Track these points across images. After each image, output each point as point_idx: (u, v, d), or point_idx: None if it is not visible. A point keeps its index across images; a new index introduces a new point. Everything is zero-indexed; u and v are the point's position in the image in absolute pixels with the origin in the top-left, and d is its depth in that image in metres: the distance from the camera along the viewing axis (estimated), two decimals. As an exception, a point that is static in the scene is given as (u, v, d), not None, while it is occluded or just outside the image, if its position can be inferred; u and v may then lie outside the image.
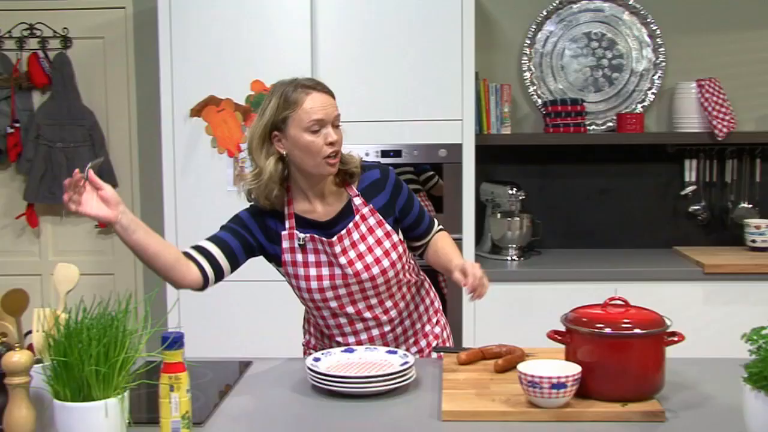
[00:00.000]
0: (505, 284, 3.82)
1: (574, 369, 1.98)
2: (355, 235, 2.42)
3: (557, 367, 2.01)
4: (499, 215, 4.17)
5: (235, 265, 2.45)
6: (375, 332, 2.50)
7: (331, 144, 2.33)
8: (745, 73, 4.38)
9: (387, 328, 2.51)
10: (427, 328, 2.62)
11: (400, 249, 2.47)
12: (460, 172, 3.86)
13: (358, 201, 2.45)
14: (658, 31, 4.35)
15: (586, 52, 4.40)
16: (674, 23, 4.37)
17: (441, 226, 2.63)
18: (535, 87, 4.41)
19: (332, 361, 2.27)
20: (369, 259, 2.41)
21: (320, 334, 2.59)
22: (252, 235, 2.44)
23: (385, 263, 2.43)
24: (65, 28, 4.49)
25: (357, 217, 2.43)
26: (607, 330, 2.02)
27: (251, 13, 3.80)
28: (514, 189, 4.15)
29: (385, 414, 2.02)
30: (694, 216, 4.42)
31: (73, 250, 4.54)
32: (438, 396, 2.11)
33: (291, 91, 2.35)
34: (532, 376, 1.94)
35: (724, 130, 4.12)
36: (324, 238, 2.40)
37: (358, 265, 2.40)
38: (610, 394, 1.99)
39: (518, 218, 4.14)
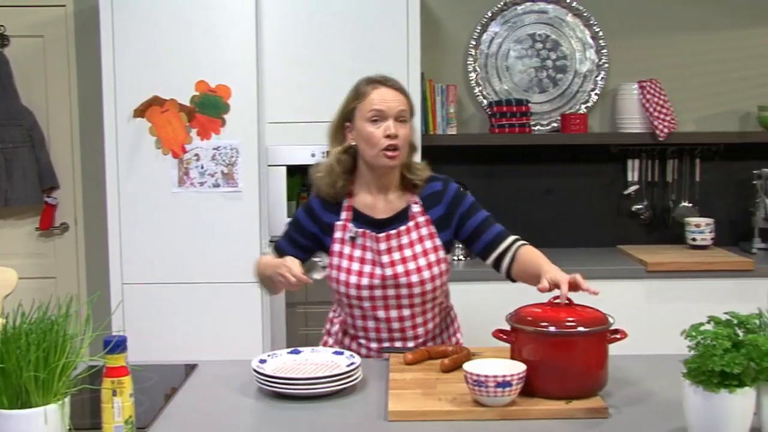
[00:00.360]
0: (450, 284, 3.82)
1: (519, 368, 1.99)
2: (405, 239, 2.47)
3: (502, 366, 2.02)
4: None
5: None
6: (398, 344, 2.52)
7: (388, 137, 2.40)
8: (686, 74, 4.46)
9: (410, 344, 2.52)
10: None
11: (443, 267, 2.52)
12: (406, 172, 3.85)
13: (416, 208, 2.51)
14: (600, 33, 4.41)
15: (531, 53, 4.45)
16: (616, 25, 4.43)
17: (523, 241, 2.56)
18: (480, 88, 4.44)
19: (278, 363, 2.26)
20: (411, 265, 2.46)
21: (343, 334, 2.61)
22: (308, 234, 2.55)
23: (426, 274, 2.47)
24: (2, 26, 4.39)
25: (411, 223, 2.49)
26: (551, 328, 2.04)
27: (195, 12, 3.76)
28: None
29: (331, 415, 2.02)
30: (636, 215, 4.49)
31: (12, 254, 4.44)
32: (384, 396, 2.11)
33: (362, 84, 2.49)
34: (478, 375, 1.95)
35: (665, 130, 4.19)
36: (374, 233, 2.46)
37: (399, 268, 2.45)
38: (554, 392, 2.01)
39: (464, 218, 4.16)
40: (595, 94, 4.44)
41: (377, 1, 3.81)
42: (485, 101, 4.42)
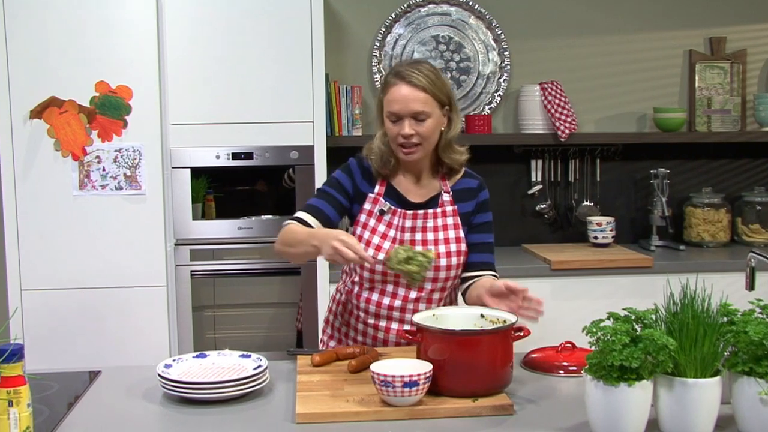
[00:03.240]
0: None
1: (426, 367, 2.01)
2: (430, 223, 2.51)
3: (409, 366, 2.04)
4: (352, 216, 4.19)
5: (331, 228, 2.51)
6: (394, 326, 2.52)
7: (403, 136, 2.42)
8: (585, 76, 4.57)
9: (406, 327, 2.50)
10: None
11: (462, 259, 2.53)
12: (312, 173, 3.85)
13: (446, 197, 2.55)
14: (502, 36, 4.48)
15: (435, 54, 4.49)
16: (518, 28, 4.51)
17: (495, 274, 2.59)
18: (386, 89, 4.46)
19: (184, 368, 2.23)
20: (441, 248, 2.49)
21: (343, 308, 2.61)
22: (346, 194, 2.56)
23: (443, 262, 2.49)
24: None
25: (439, 209, 2.52)
26: (456, 328, 2.06)
27: (93, 9, 3.66)
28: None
29: (239, 419, 2.00)
30: (540, 214, 4.58)
31: None
32: (293, 399, 2.10)
33: (390, 75, 2.49)
34: (385, 375, 1.96)
35: (566, 131, 4.29)
36: (408, 211, 2.49)
37: (418, 248, 2.42)
38: (461, 390, 2.03)
39: (371, 219, 4.17)
40: (498, 95, 4.52)
41: (281, 1, 3.79)
42: (391, 102, 4.44)
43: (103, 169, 3.72)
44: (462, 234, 2.55)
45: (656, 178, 4.40)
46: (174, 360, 2.26)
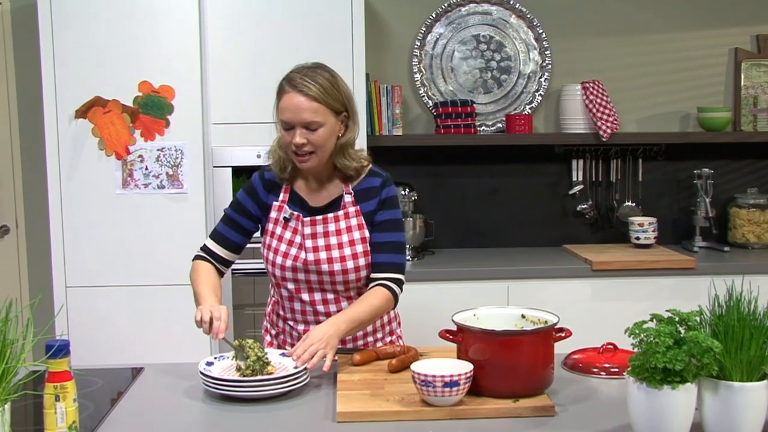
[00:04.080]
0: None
1: (467, 367, 2.00)
2: (332, 227, 2.50)
3: (450, 366, 2.03)
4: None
5: (239, 251, 2.65)
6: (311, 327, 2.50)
7: (296, 145, 2.41)
8: (628, 75, 4.53)
9: None
10: (379, 339, 2.63)
11: (369, 258, 2.52)
12: (353, 173, 3.86)
13: (348, 198, 2.53)
14: (543, 35, 4.45)
15: (475, 54, 4.47)
16: (559, 27, 4.48)
17: (392, 284, 2.51)
18: (425, 88, 4.46)
19: (225, 365, 2.24)
20: (335, 254, 2.48)
21: (276, 317, 2.64)
22: (249, 215, 2.59)
23: (350, 264, 2.48)
24: (-61, 25, 4.30)
25: (341, 212, 2.51)
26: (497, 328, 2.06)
27: (137, 11, 3.71)
28: (407, 190, 4.19)
29: (279, 417, 2.01)
30: (581, 215, 4.54)
31: (-48, 258, 4.36)
32: (333, 397, 2.11)
33: (284, 81, 2.47)
34: (426, 375, 1.95)
35: (608, 131, 4.25)
36: (304, 217, 2.49)
37: (322, 255, 2.47)
38: (501, 391, 2.03)
39: (411, 219, 4.18)
40: (539, 95, 4.49)
41: (322, 1, 3.80)
42: (430, 102, 4.44)
43: (146, 168, 3.76)
44: (367, 234, 2.52)
45: (700, 178, 4.35)
46: (215, 358, 2.28)
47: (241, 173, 3.86)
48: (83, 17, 3.69)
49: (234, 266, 3.81)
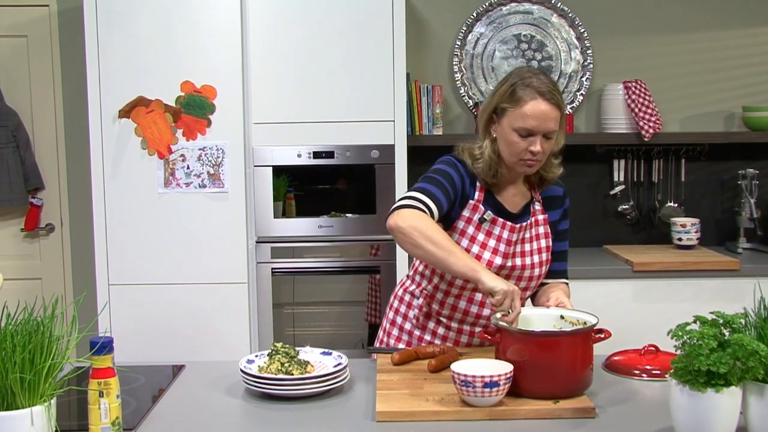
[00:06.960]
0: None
1: (507, 368, 1.99)
2: (527, 234, 2.47)
3: (490, 366, 2.03)
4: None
5: (439, 217, 2.39)
6: (478, 329, 2.49)
7: (532, 152, 2.35)
8: (670, 75, 4.48)
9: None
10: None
11: (546, 267, 2.53)
12: (392, 173, 3.87)
13: (537, 206, 2.51)
14: (585, 34, 4.42)
15: (516, 53, 4.45)
16: (601, 26, 4.45)
17: (567, 281, 2.62)
18: (466, 88, 4.44)
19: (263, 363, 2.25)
20: (534, 259, 2.47)
21: (425, 316, 2.53)
22: (455, 190, 2.42)
23: (536, 272, 2.48)
24: (-14, 26, 4.38)
25: (532, 219, 2.49)
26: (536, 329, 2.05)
27: (180, 12, 3.75)
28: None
29: (319, 415, 2.01)
30: (623, 215, 4.50)
31: (-2, 255, 4.43)
32: (372, 397, 2.11)
33: (521, 86, 2.34)
34: (465, 375, 1.95)
35: (651, 131, 4.21)
36: (508, 222, 2.43)
37: (519, 260, 2.45)
38: (541, 392, 2.01)
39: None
40: (581, 94, 4.46)
41: (363, 1, 3.81)
42: (471, 102, 4.43)
43: (188, 168, 3.79)
44: (551, 243, 2.52)
45: (744, 178, 4.29)
46: (256, 356, 2.29)
47: (281, 172, 3.89)
48: (127, 19, 3.74)
49: (274, 265, 3.87)
